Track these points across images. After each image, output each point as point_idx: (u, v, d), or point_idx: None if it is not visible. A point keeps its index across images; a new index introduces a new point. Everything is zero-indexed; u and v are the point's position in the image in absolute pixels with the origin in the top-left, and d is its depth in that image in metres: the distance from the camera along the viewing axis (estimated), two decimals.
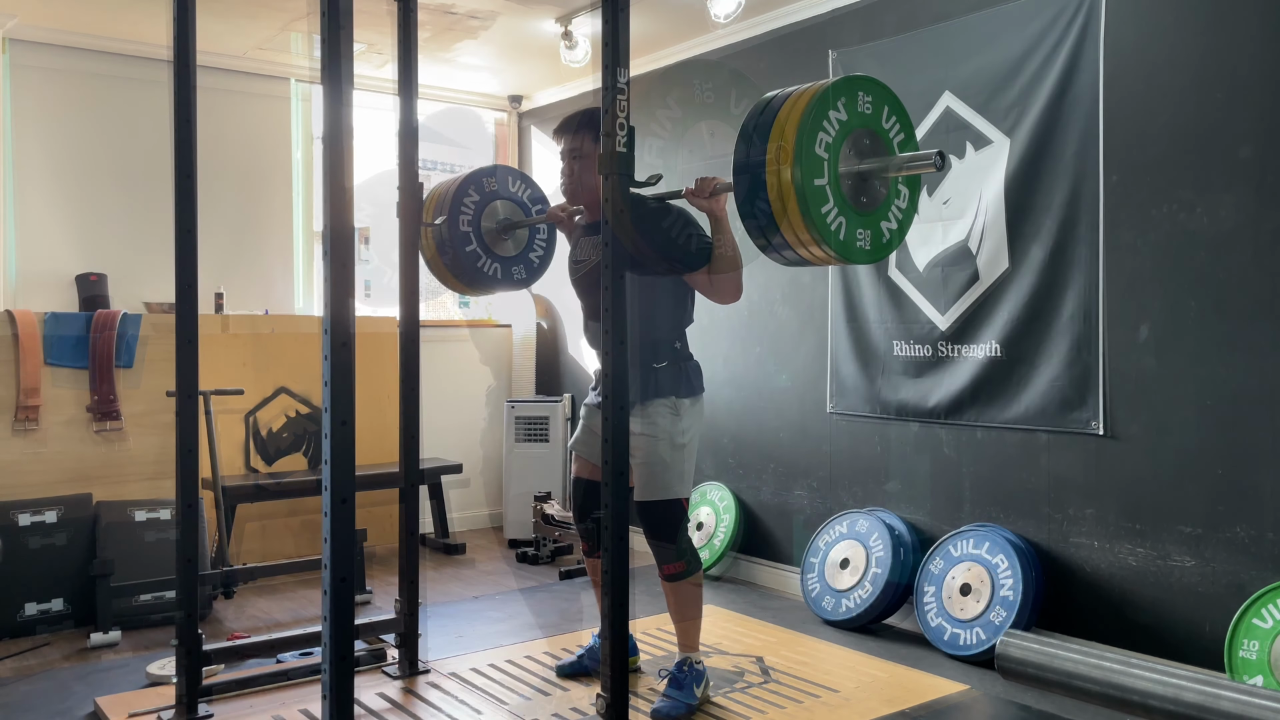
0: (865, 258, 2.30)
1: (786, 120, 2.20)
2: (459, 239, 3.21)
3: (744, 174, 2.26)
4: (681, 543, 2.85)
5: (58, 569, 3.73)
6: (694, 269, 2.81)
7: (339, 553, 2.01)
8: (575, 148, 2.94)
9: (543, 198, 3.42)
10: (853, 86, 2.26)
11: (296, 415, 4.78)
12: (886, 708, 2.90)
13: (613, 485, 2.34)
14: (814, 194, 2.15)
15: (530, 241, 3.42)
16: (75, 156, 4.60)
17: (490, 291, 3.43)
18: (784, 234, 2.22)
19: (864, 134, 2.27)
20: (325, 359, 2.00)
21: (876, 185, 2.29)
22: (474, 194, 3.26)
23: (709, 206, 2.70)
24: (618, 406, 2.35)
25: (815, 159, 2.16)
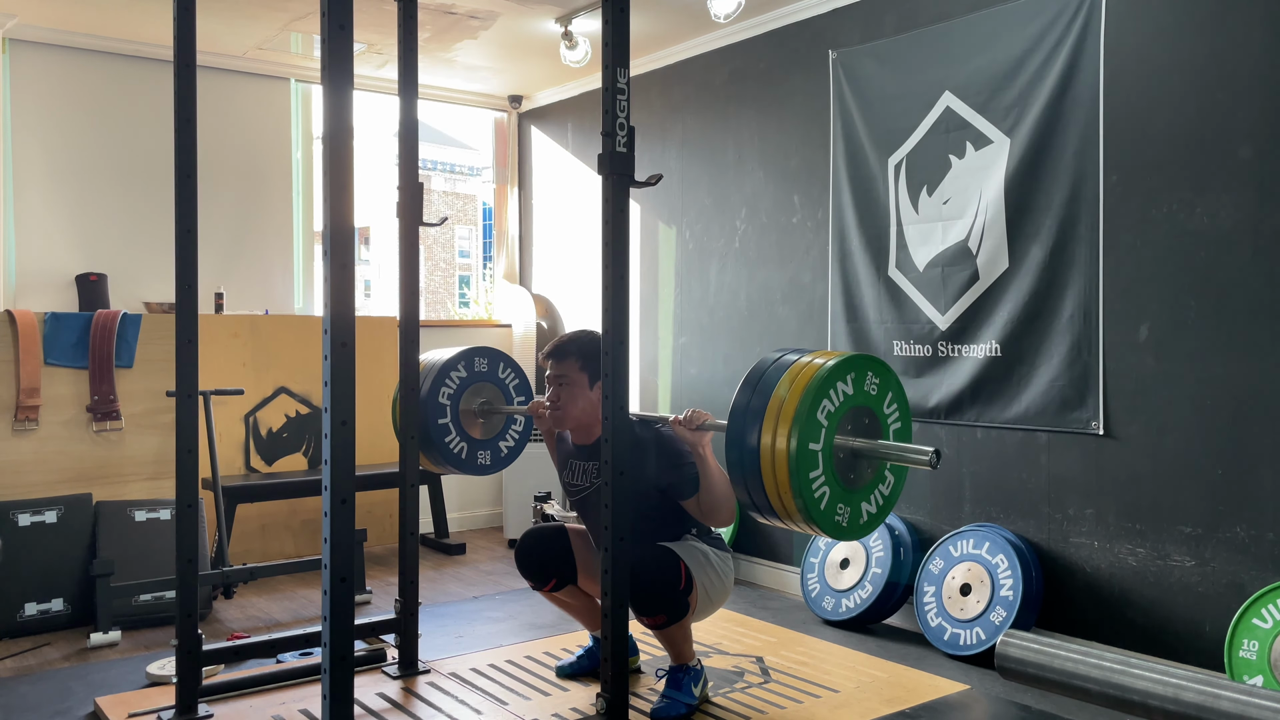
0: (840, 534, 2.26)
1: (795, 379, 2.20)
2: (434, 410, 3.17)
3: (739, 420, 2.25)
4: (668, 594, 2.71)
5: (58, 569, 3.74)
6: (684, 499, 2.79)
7: (339, 553, 2.02)
8: (561, 374, 2.90)
9: (529, 390, 3.38)
10: (864, 365, 2.27)
11: (296, 415, 4.79)
12: (886, 707, 2.90)
13: (613, 485, 2.34)
14: (805, 457, 2.14)
15: (504, 430, 3.35)
16: (75, 156, 4.61)
17: (451, 469, 3.29)
18: (765, 484, 2.20)
19: (864, 412, 2.28)
20: (325, 359, 2.01)
21: (865, 466, 2.29)
22: (462, 370, 3.24)
23: (692, 440, 2.66)
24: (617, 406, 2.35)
25: (815, 423, 2.16)
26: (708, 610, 2.90)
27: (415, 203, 3.12)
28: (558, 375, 2.91)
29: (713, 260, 4.63)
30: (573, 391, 2.89)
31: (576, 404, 2.89)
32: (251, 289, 5.06)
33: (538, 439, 5.26)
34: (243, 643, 3.03)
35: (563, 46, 4.57)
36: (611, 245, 2.34)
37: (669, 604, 2.72)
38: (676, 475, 2.78)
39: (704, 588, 2.81)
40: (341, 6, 2.02)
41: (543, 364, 2.99)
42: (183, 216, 2.71)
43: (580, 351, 2.89)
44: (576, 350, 2.90)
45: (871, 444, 2.25)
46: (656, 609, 2.72)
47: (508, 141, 5.95)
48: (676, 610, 2.74)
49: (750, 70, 4.44)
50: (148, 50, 4.71)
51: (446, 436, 3.21)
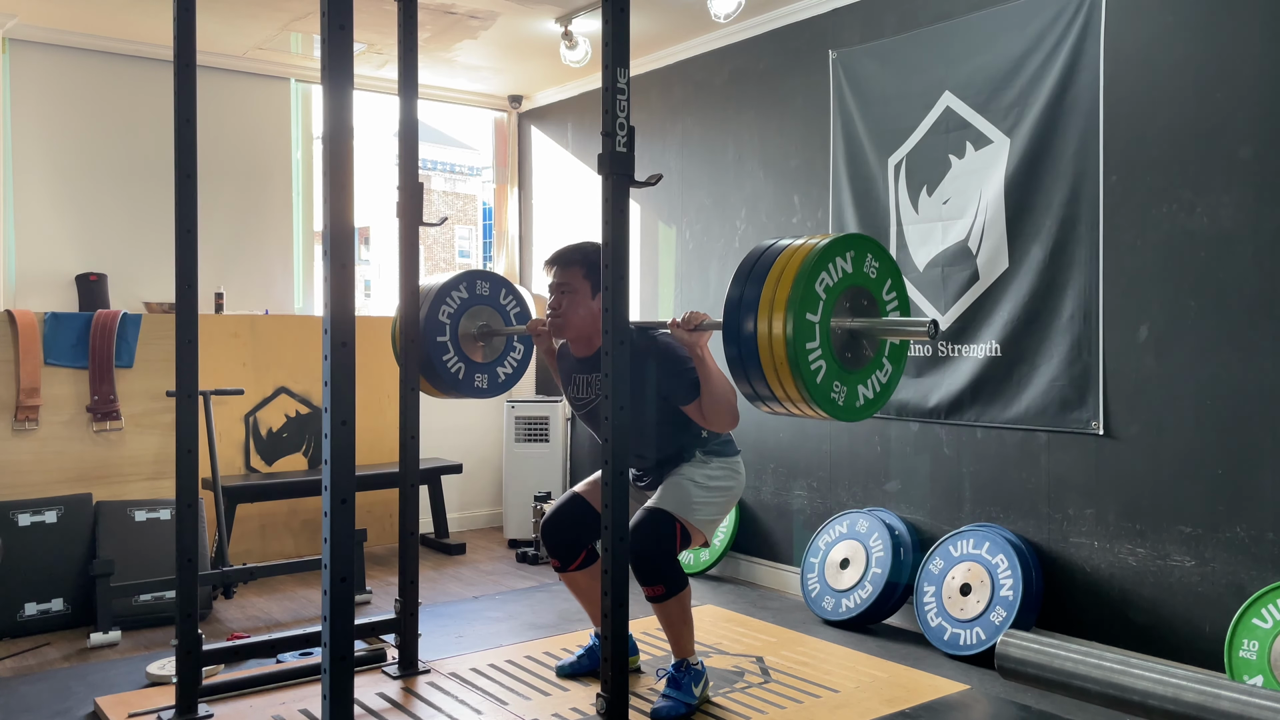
0: (836, 412, 2.26)
1: (788, 262, 2.21)
2: (433, 328, 3.15)
3: (733, 313, 2.26)
4: (664, 564, 2.77)
5: (58, 569, 3.74)
6: (685, 404, 2.79)
7: (339, 553, 2.01)
8: (564, 282, 2.89)
9: (529, 317, 3.35)
10: (864, 245, 2.28)
11: (296, 415, 4.79)
12: (886, 707, 2.90)
13: (613, 485, 2.34)
14: (803, 328, 2.15)
15: (504, 355, 3.33)
16: (75, 156, 4.60)
17: (450, 393, 3.27)
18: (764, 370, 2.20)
19: (863, 294, 2.28)
20: (325, 359, 2.01)
21: (864, 346, 2.29)
22: (463, 291, 3.22)
23: (691, 341, 2.66)
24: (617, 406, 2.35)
25: (812, 295, 2.17)
26: (715, 526, 2.92)
27: (415, 203, 3.12)
28: (560, 283, 2.90)
29: (713, 260, 4.63)
30: (575, 299, 2.88)
31: (578, 312, 2.87)
32: (251, 289, 5.06)
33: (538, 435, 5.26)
34: (243, 643, 3.03)
35: (563, 46, 4.57)
36: (611, 245, 2.34)
37: (664, 575, 2.76)
38: (676, 381, 2.77)
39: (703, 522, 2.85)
40: (341, 6, 2.02)
41: (545, 271, 2.98)
42: (183, 216, 2.71)
43: (584, 259, 2.87)
44: (580, 258, 2.88)
45: (868, 321, 2.26)
46: (654, 578, 2.75)
47: (508, 141, 5.95)
48: (673, 583, 2.77)
49: (750, 70, 4.43)
50: (148, 50, 4.71)
51: (444, 355, 3.18)
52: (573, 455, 5.50)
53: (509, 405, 5.31)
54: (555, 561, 3.04)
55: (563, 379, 3.11)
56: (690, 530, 2.82)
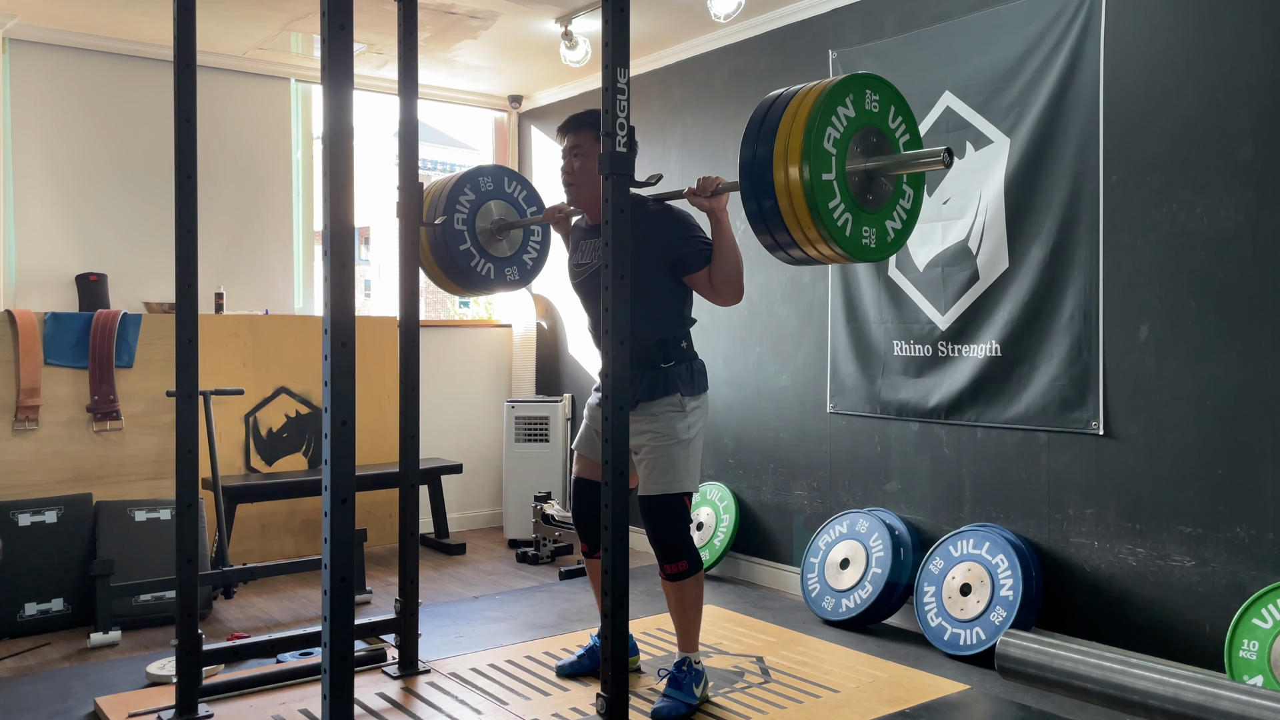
0: (870, 255, 2.30)
1: (795, 116, 2.20)
2: (453, 238, 3.20)
3: (750, 171, 2.26)
4: (685, 540, 2.85)
5: (58, 569, 3.74)
6: (695, 271, 2.81)
7: (339, 553, 2.01)
8: (577, 145, 2.92)
9: (538, 200, 3.41)
10: (861, 84, 2.26)
11: (296, 415, 4.79)
12: (886, 707, 2.90)
13: (613, 484, 2.34)
14: (821, 189, 2.15)
15: (524, 243, 3.40)
16: (75, 157, 4.60)
17: (484, 292, 3.40)
18: (790, 230, 2.22)
19: (871, 132, 2.28)
20: (325, 359, 2.01)
21: (883, 183, 2.30)
22: (469, 193, 3.25)
23: (710, 206, 2.69)
24: (618, 406, 2.35)
25: (823, 154, 2.16)
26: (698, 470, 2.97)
27: (415, 203, 3.12)
28: (573, 146, 2.92)
29: None
30: (587, 162, 2.90)
31: (591, 173, 2.89)
32: (251, 289, 5.06)
33: (538, 435, 5.26)
34: (243, 643, 3.03)
35: (563, 46, 4.57)
36: (611, 245, 2.34)
37: (686, 551, 2.83)
38: (685, 247, 2.79)
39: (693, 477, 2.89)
40: (341, 6, 2.02)
41: (558, 139, 3.00)
42: (183, 216, 2.71)
43: (595, 122, 2.88)
44: (593, 120, 2.89)
45: (881, 160, 2.26)
46: (677, 555, 2.83)
47: (508, 141, 5.95)
48: (694, 559, 2.85)
49: (750, 70, 4.43)
50: (148, 50, 4.70)
51: (472, 261, 3.24)
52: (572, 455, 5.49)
53: (509, 405, 5.31)
54: (585, 546, 3.10)
55: (571, 248, 3.14)
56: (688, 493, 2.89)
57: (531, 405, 5.32)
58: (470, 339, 5.68)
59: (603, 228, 2.36)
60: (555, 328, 5.73)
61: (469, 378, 5.64)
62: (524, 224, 3.33)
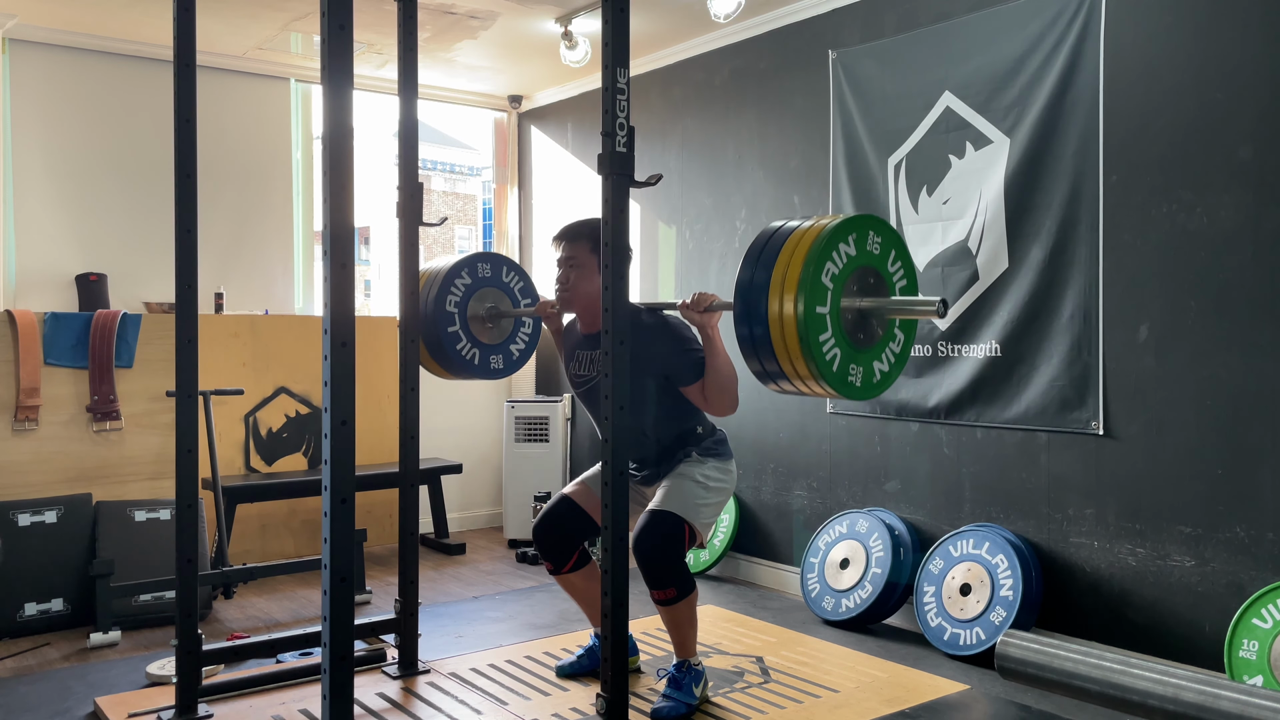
0: (855, 394, 2.28)
1: (796, 246, 2.22)
2: (442, 318, 3.18)
3: (745, 295, 2.26)
4: (675, 567, 2.77)
5: (58, 569, 3.73)
6: (688, 385, 2.80)
7: (339, 553, 2.01)
8: (572, 256, 2.90)
9: (534, 293, 3.39)
10: (865, 225, 2.28)
11: (296, 415, 4.79)
12: (886, 708, 2.90)
13: (613, 485, 2.34)
14: (814, 321, 2.16)
15: (514, 334, 3.38)
16: (75, 157, 4.60)
17: (465, 377, 3.33)
18: (779, 359, 2.22)
19: (869, 272, 2.29)
20: (325, 359, 2.01)
21: (875, 324, 2.30)
22: (466, 277, 3.24)
23: (701, 322, 2.69)
24: (617, 406, 2.35)
25: (820, 287, 2.17)
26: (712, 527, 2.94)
27: (415, 203, 3.12)
28: (568, 257, 2.92)
29: (713, 260, 4.63)
30: (582, 273, 2.89)
31: (585, 285, 2.89)
32: (251, 289, 5.06)
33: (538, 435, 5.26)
34: (243, 643, 3.03)
35: (563, 46, 4.57)
36: (611, 245, 2.34)
37: (675, 578, 2.76)
38: (680, 360, 2.78)
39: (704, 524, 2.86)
40: (341, 6, 2.02)
41: (553, 247, 2.99)
42: (183, 216, 2.71)
43: (591, 234, 2.88)
44: (588, 233, 2.89)
45: (878, 301, 2.27)
46: (666, 581, 2.76)
47: (508, 141, 5.95)
48: (684, 585, 2.78)
49: (750, 70, 4.43)
50: (148, 50, 4.71)
51: (458, 344, 3.22)
52: (573, 455, 5.49)
53: (509, 405, 5.31)
54: (549, 565, 3.04)
55: (565, 355, 3.13)
56: (695, 530, 2.83)
57: (531, 405, 5.32)
58: None
59: (602, 227, 2.36)
60: None
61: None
62: (516, 314, 3.30)
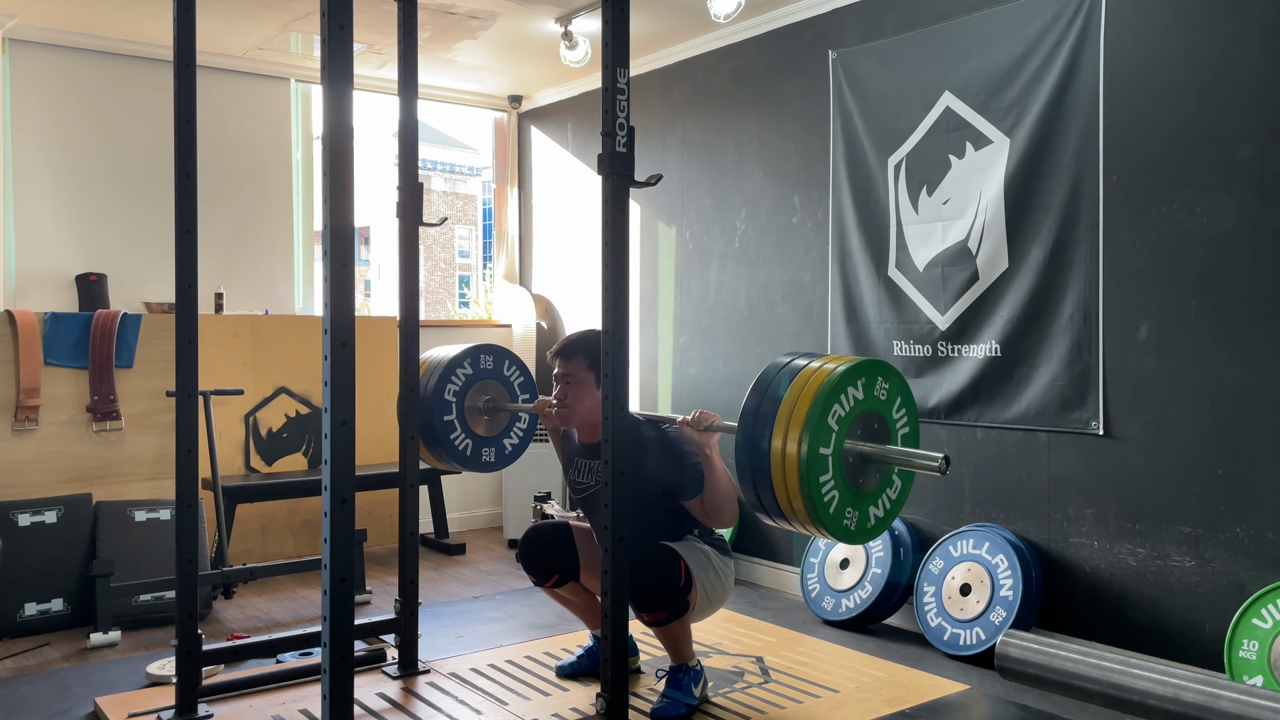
0: (847, 537, 2.27)
1: (805, 383, 2.21)
2: (440, 406, 3.17)
3: (749, 424, 2.25)
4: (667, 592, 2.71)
5: (58, 569, 3.73)
6: (688, 499, 2.79)
7: (339, 553, 2.02)
8: (569, 374, 2.91)
9: (533, 388, 3.38)
10: (874, 370, 2.28)
11: (296, 415, 4.79)
12: (886, 707, 2.90)
13: (612, 485, 2.35)
14: (816, 461, 2.15)
15: (509, 428, 3.37)
16: (75, 156, 4.60)
17: (454, 467, 3.31)
18: (775, 492, 2.21)
19: (874, 417, 2.29)
20: (325, 359, 2.01)
21: (874, 471, 2.30)
22: (468, 367, 3.25)
23: (700, 441, 2.68)
24: (617, 406, 2.35)
25: (826, 428, 2.17)
26: (706, 611, 2.90)
27: (415, 203, 3.13)
28: (565, 374, 2.92)
29: (713, 260, 4.63)
30: (580, 390, 2.90)
31: (583, 403, 2.90)
32: (251, 289, 5.06)
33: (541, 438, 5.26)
34: (243, 643, 3.03)
35: (563, 46, 4.57)
36: (611, 245, 2.34)
37: (669, 600, 2.72)
38: (680, 475, 2.78)
39: (704, 588, 2.82)
40: (341, 6, 2.02)
41: (550, 362, 2.99)
42: (183, 216, 2.71)
43: (588, 351, 2.90)
44: (584, 350, 2.91)
45: (881, 449, 2.26)
46: (656, 605, 2.72)
47: (508, 141, 5.95)
48: (676, 607, 2.74)
49: (750, 70, 4.43)
50: (148, 50, 4.71)
51: (452, 434, 3.22)
52: None
53: None
54: (532, 578, 3.05)
55: (564, 462, 3.13)
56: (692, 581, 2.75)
57: None
58: (470, 339, 5.67)
59: (602, 227, 2.37)
60: (555, 328, 5.73)
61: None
62: (514, 409, 3.30)
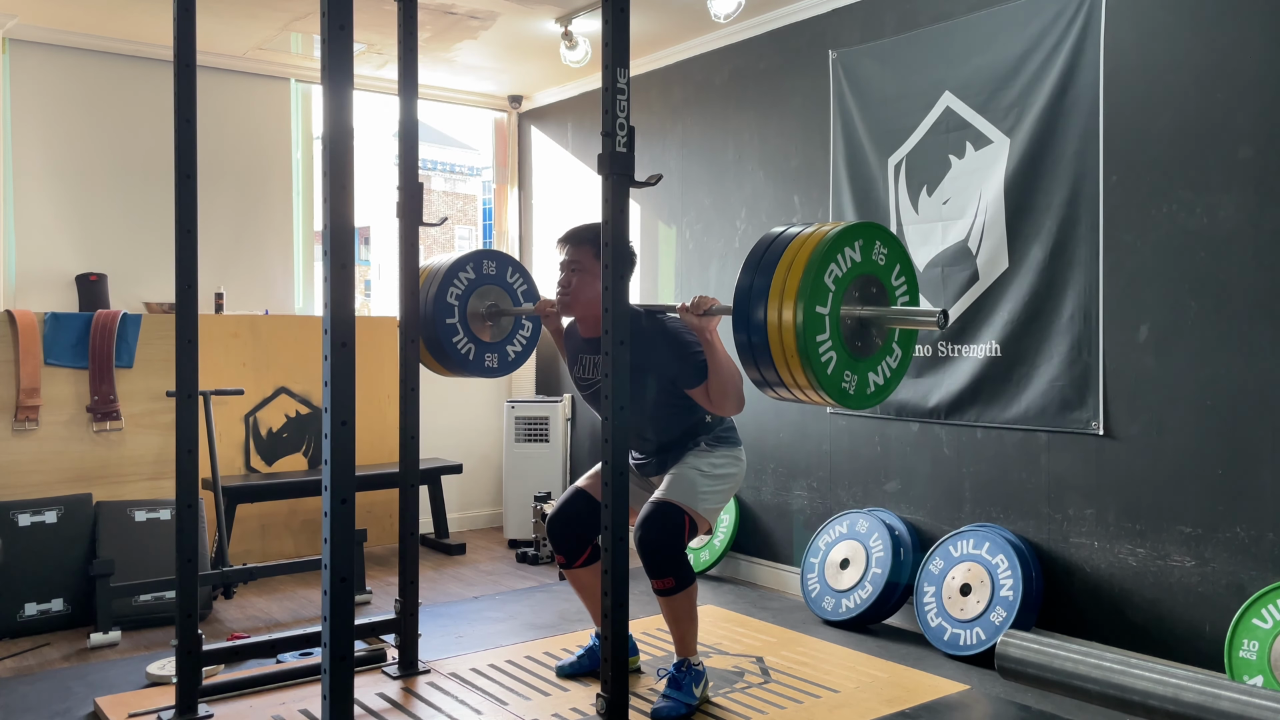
0: (848, 401, 2.26)
1: (799, 249, 2.21)
2: (442, 310, 3.17)
3: (743, 301, 2.25)
4: (674, 558, 2.78)
5: (58, 569, 3.73)
6: (692, 387, 2.79)
7: (339, 553, 2.01)
8: (575, 260, 2.90)
9: (537, 295, 3.38)
10: (872, 233, 2.28)
11: (296, 415, 4.79)
12: (886, 708, 2.90)
13: (613, 485, 2.34)
14: (813, 320, 2.15)
15: (512, 334, 3.37)
16: (75, 156, 4.60)
17: (460, 373, 3.31)
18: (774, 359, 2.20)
19: (872, 281, 2.28)
20: (325, 359, 2.01)
21: (874, 334, 2.29)
22: (470, 272, 3.24)
23: (700, 325, 2.68)
24: (617, 406, 2.35)
25: (822, 287, 2.16)
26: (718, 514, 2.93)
27: (415, 203, 3.13)
28: (571, 260, 2.91)
29: (713, 260, 4.63)
30: (585, 278, 2.89)
31: (587, 289, 2.88)
32: (251, 289, 5.06)
33: (538, 435, 5.26)
34: (243, 643, 3.03)
35: (563, 46, 4.57)
36: (611, 245, 2.34)
37: (675, 568, 2.77)
38: (682, 364, 2.78)
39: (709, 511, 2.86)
40: (341, 6, 2.02)
41: (557, 248, 2.99)
42: (183, 216, 2.71)
43: (595, 239, 2.86)
44: (592, 237, 2.88)
45: (878, 311, 2.26)
46: (664, 570, 2.77)
47: (508, 141, 5.95)
48: (682, 576, 2.79)
49: (750, 70, 4.43)
50: (148, 50, 4.70)
51: (454, 337, 3.21)
52: (573, 455, 5.50)
53: (509, 405, 5.31)
54: (561, 558, 3.05)
55: (569, 358, 3.13)
56: (697, 519, 2.84)
57: (531, 405, 5.32)
58: None
59: (602, 227, 2.36)
60: None
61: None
62: (516, 313, 3.30)
